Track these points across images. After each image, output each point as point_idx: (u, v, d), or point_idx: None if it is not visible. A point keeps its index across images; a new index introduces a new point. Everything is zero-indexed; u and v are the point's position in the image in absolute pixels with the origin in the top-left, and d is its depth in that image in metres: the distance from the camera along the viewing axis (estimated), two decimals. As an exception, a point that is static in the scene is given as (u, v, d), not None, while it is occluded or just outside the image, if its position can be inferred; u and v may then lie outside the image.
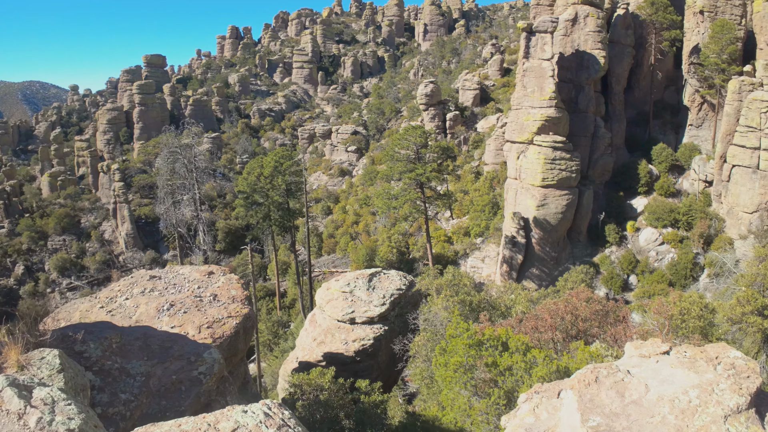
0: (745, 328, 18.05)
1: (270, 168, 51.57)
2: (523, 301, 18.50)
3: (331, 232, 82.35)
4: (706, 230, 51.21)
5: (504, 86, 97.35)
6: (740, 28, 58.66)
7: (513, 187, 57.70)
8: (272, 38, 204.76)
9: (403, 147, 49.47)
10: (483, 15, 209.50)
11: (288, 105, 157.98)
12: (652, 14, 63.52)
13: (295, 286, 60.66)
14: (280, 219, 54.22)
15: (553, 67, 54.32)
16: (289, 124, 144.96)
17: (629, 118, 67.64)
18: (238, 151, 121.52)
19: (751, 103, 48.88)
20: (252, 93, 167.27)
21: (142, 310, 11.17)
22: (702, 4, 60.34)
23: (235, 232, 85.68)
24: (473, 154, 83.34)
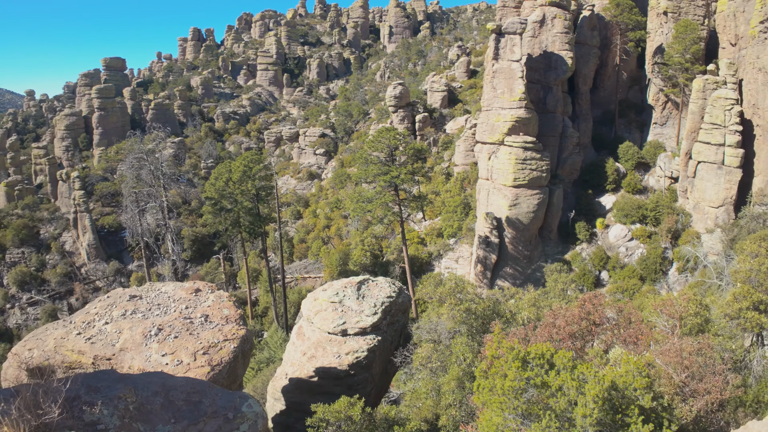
0: (743, 324, 18.36)
1: (239, 173, 50.23)
2: (527, 306, 18.25)
3: (303, 237, 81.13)
4: (673, 225, 52.57)
5: (471, 88, 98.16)
6: (703, 28, 60.62)
7: (485, 188, 57.99)
8: (235, 40, 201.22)
9: (376, 149, 48.95)
10: (447, 17, 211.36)
11: (253, 108, 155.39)
12: (617, 15, 65.05)
13: (267, 294, 59.39)
14: (250, 225, 52.92)
15: (522, 68, 54.84)
16: (254, 127, 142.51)
17: (595, 117, 69.14)
18: (202, 156, 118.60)
19: (715, 101, 50.43)
20: (215, 96, 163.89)
21: (127, 336, 10.21)
22: (666, 5, 62.11)
23: (202, 240, 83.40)
24: (443, 155, 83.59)
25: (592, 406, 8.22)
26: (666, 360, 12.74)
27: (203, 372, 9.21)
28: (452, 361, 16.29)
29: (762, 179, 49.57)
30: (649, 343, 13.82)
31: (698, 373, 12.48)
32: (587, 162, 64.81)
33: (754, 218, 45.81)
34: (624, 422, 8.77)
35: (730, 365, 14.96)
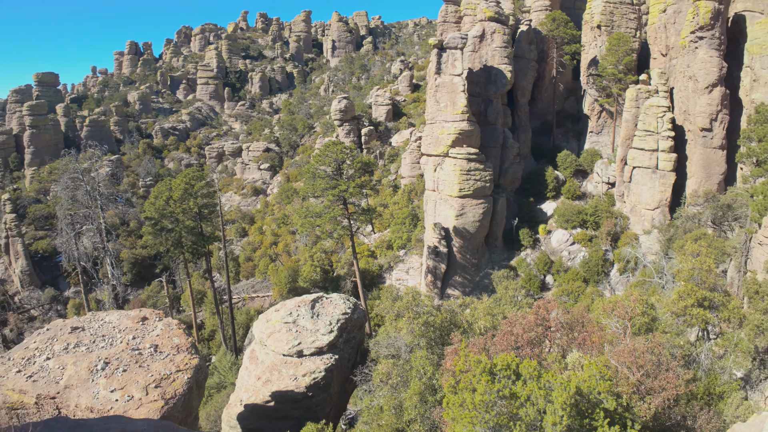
0: (689, 320, 19.34)
1: (180, 190, 48.33)
2: (482, 315, 18.39)
3: (249, 255, 78.93)
4: (612, 228, 55.10)
5: (415, 101, 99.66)
6: (635, 40, 64.57)
7: (432, 199, 58.76)
8: (174, 54, 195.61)
9: (323, 163, 48.54)
10: (389, 32, 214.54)
11: (193, 123, 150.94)
12: (553, 30, 68.13)
13: (213, 316, 57.28)
14: (193, 245, 50.93)
15: (464, 82, 56.25)
16: (195, 142, 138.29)
17: (534, 128, 71.85)
18: (140, 174, 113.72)
19: (648, 108, 53.58)
20: (154, 111, 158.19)
21: (71, 372, 9.36)
22: (599, 19, 65.68)
23: (143, 262, 79.56)
24: (390, 167, 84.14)
25: (561, 413, 8.30)
26: (621, 360, 13.17)
27: (156, 407, 8.55)
28: (413, 376, 16.15)
29: (695, 181, 53.04)
30: (603, 344, 14.25)
31: (652, 371, 12.97)
32: (528, 171, 67.07)
33: (689, 218, 48.85)
34: (591, 426, 8.91)
35: (680, 361, 15.67)
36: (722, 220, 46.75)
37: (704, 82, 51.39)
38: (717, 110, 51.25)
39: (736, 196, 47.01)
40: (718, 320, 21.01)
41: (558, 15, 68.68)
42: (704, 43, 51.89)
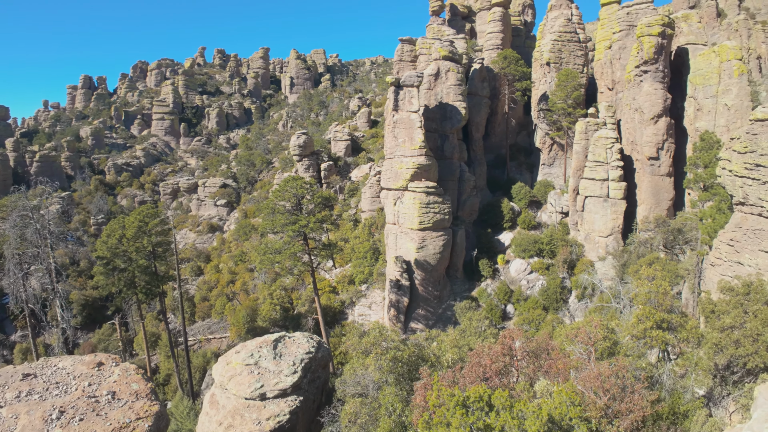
0: (650, 342, 19.92)
1: (134, 228, 46.88)
2: (449, 347, 18.35)
3: (205, 295, 76.46)
4: (568, 256, 56.68)
5: (373, 137, 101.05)
6: (583, 76, 68.19)
7: (393, 232, 59.07)
8: (130, 88, 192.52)
9: (283, 198, 48.17)
10: (347, 69, 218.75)
11: (147, 159, 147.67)
12: (504, 68, 71.16)
13: (168, 360, 54.84)
14: (147, 285, 49.16)
15: (421, 118, 57.68)
16: (149, 179, 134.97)
17: (489, 161, 74.06)
18: (92, 211, 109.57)
19: (597, 140, 56.21)
20: (107, 147, 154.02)
21: (24, 422, 8.72)
22: (548, 57, 69.11)
23: (94, 304, 75.85)
24: (350, 202, 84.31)
25: (535, 441, 8.34)
26: (587, 385, 13.40)
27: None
28: (382, 414, 15.85)
29: (645, 208, 55.57)
30: (568, 370, 14.48)
31: (618, 394, 13.25)
32: (484, 203, 68.65)
33: (641, 243, 50.90)
34: (565, 452, 8.97)
35: (644, 383, 16.08)
36: (673, 243, 48.93)
37: (650, 113, 54.53)
38: (663, 139, 54.31)
39: (685, 220, 49.41)
40: (677, 341, 21.79)
41: (509, 53, 71.91)
42: (649, 76, 55.31)
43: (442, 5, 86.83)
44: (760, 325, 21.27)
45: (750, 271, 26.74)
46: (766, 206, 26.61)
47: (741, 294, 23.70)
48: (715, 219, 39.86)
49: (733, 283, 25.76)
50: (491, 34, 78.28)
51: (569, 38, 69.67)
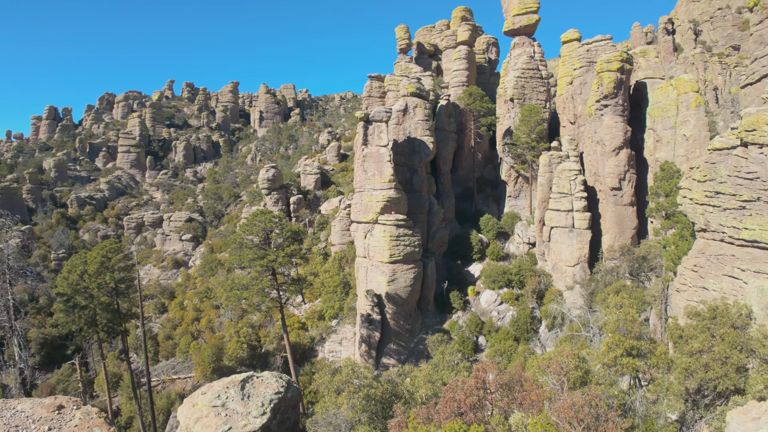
0: (621, 369, 19.96)
1: (96, 264, 45.34)
2: (423, 383, 17.94)
3: (169, 333, 73.76)
4: (536, 286, 57.16)
5: (343, 170, 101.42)
6: (545, 111, 70.41)
7: (363, 266, 58.67)
8: (95, 120, 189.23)
9: (251, 233, 47.35)
10: (316, 104, 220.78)
11: (112, 192, 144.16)
12: (470, 104, 73.05)
13: (130, 402, 52.27)
14: (109, 323, 47.25)
15: (390, 152, 58.29)
16: (113, 212, 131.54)
17: (457, 194, 75.08)
18: (53, 246, 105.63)
19: (561, 172, 57.59)
20: (70, 179, 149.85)
21: None
22: (512, 93, 71.27)
23: (53, 343, 72.40)
24: (319, 235, 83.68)
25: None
26: (562, 416, 13.22)
27: None
28: (354, 456, 15.26)
29: (610, 237, 56.79)
30: (542, 402, 14.31)
31: (593, 423, 13.11)
32: (454, 235, 69.14)
33: (608, 272, 51.74)
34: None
35: (618, 411, 15.99)
36: (639, 271, 49.92)
37: (611, 145, 56.40)
38: (625, 170, 56.07)
39: (649, 248, 50.57)
40: (648, 367, 21.96)
41: (474, 90, 73.95)
42: (609, 110, 57.43)
43: (410, 44, 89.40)
44: (728, 348, 21.63)
45: (715, 295, 27.37)
46: (728, 232, 27.47)
47: (707, 318, 24.18)
48: (678, 246, 40.98)
49: (699, 308, 26.32)
50: (457, 71, 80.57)
51: (532, 75, 72.19)
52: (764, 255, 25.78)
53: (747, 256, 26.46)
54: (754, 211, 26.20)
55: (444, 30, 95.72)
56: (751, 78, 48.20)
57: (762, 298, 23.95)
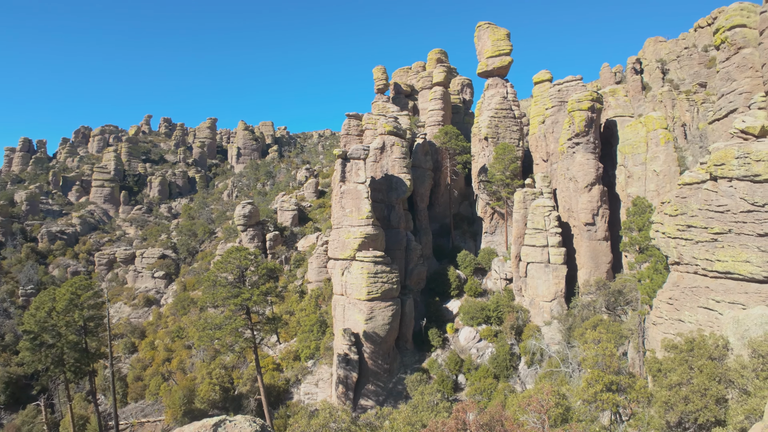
0: (601, 405, 19.65)
1: (65, 301, 44.10)
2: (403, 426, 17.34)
3: (138, 374, 70.95)
4: (515, 322, 56.95)
5: (320, 207, 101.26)
6: (519, 149, 72.06)
7: (340, 303, 57.81)
8: (70, 154, 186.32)
9: (225, 270, 46.39)
10: (295, 141, 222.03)
11: (84, 227, 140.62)
12: (446, 142, 74.44)
13: (95, 447, 49.67)
14: (76, 362, 45.70)
15: (368, 189, 58.54)
16: (84, 248, 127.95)
17: (434, 230, 75.45)
18: (21, 281, 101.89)
19: (535, 209, 58.34)
20: (42, 213, 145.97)
21: None
22: (486, 132, 72.90)
23: (18, 382, 69.26)
24: (296, 272, 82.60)
25: None
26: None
27: None
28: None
29: (585, 271, 57.28)
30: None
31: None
32: (431, 271, 68.98)
33: (584, 306, 51.94)
34: None
35: None
36: (615, 305, 50.25)
37: (583, 181, 57.61)
38: (597, 206, 57.15)
39: (624, 282, 51.11)
40: (628, 402, 21.76)
41: (450, 129, 75.46)
42: (581, 147, 58.92)
43: (387, 84, 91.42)
44: (706, 380, 21.61)
45: (691, 327, 27.56)
46: (701, 264, 27.91)
47: (685, 351, 24.24)
48: (652, 279, 41.50)
49: (676, 341, 26.42)
50: (433, 111, 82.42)
51: (505, 114, 74.15)
52: (738, 286, 26.21)
53: (721, 288, 26.86)
54: (726, 243, 26.77)
55: (420, 71, 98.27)
56: (719, 114, 50.24)
57: (738, 329, 24.21)
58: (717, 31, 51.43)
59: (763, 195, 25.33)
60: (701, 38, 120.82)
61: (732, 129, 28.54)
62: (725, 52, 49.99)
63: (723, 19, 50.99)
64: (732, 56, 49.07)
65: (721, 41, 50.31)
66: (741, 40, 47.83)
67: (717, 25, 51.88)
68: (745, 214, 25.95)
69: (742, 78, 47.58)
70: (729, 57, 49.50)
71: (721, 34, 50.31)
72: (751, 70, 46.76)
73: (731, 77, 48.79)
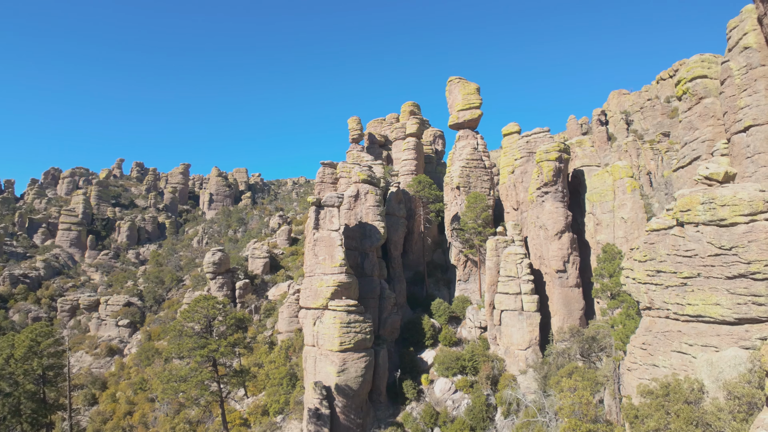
0: None
1: (24, 348, 42.23)
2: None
3: (98, 428, 66.91)
4: (490, 372, 56.00)
5: (293, 254, 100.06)
6: (490, 198, 73.45)
7: (312, 355, 56.03)
8: (38, 195, 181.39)
9: (192, 320, 44.79)
10: (268, 188, 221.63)
11: (48, 271, 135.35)
12: (419, 191, 75.53)
13: None
14: (33, 413, 43.35)
15: (341, 237, 58.16)
16: (47, 293, 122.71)
17: (408, 278, 75.09)
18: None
19: (507, 256, 58.71)
20: (5, 255, 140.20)
21: None
22: (458, 181, 74.28)
23: (-31, 435, 63.93)
24: (266, 322, 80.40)
25: None
26: None
27: None
28: None
29: (559, 318, 57.27)
30: None
31: None
32: (406, 320, 68.06)
33: (559, 354, 51.52)
34: None
35: None
36: (590, 352, 49.99)
37: (553, 229, 58.54)
38: (568, 253, 57.91)
39: (598, 328, 51.12)
40: (607, 449, 21.15)
41: (423, 178, 76.72)
42: (550, 196, 60.23)
43: (362, 134, 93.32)
44: (684, 425, 21.33)
45: (666, 372, 27.44)
46: (672, 308, 28.12)
47: (661, 396, 24.02)
48: (625, 325, 41.69)
49: (651, 386, 26.22)
50: (406, 160, 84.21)
51: (476, 165, 75.98)
52: (710, 329, 26.41)
53: (693, 331, 27.01)
54: (695, 287, 27.13)
55: (394, 123, 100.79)
56: (683, 161, 52.09)
57: (712, 371, 24.24)
58: (679, 82, 53.89)
59: (729, 239, 25.99)
60: (663, 90, 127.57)
61: (696, 176, 29.52)
62: (687, 102, 52.31)
63: (684, 70, 53.51)
64: (694, 106, 51.37)
65: (683, 92, 52.69)
66: (702, 91, 50.21)
67: (678, 76, 54.38)
68: (713, 257, 26.50)
69: (704, 126, 49.65)
70: (691, 107, 51.78)
71: (683, 85, 52.76)
72: (712, 119, 48.88)
73: (694, 126, 50.94)
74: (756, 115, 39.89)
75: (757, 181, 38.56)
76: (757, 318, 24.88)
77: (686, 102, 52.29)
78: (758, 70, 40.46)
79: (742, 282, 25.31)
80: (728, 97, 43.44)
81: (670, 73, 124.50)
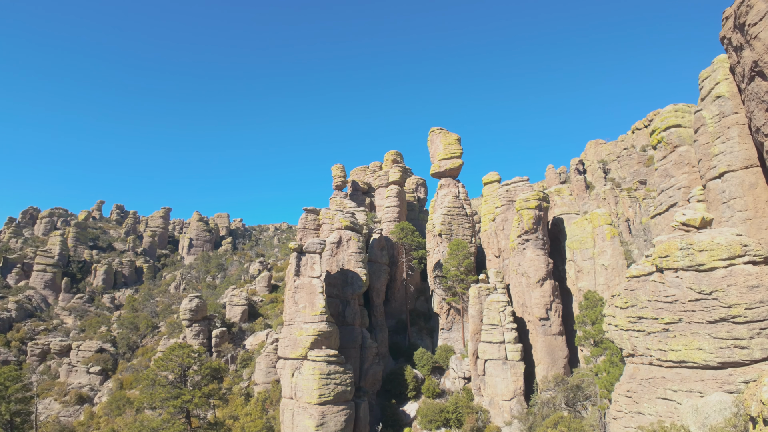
0: None
1: (-10, 392, 39.64)
2: None
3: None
4: (474, 424, 54.32)
5: (272, 302, 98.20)
6: (472, 245, 73.71)
7: (289, 408, 53.92)
8: (15, 234, 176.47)
9: (166, 369, 43.17)
10: (250, 234, 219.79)
11: (20, 312, 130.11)
12: (401, 238, 75.60)
13: None
14: (-1, 461, 40.41)
15: (323, 284, 57.37)
16: (17, 335, 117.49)
17: (390, 327, 73.94)
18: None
19: (490, 304, 58.29)
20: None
21: None
22: (440, 229, 74.71)
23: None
24: (242, 373, 77.70)
25: None
26: None
27: None
28: None
29: (543, 367, 56.38)
30: None
31: None
32: (388, 371, 66.45)
33: (544, 404, 50.41)
34: None
35: None
36: (575, 401, 49.06)
37: (535, 277, 58.61)
38: (550, 300, 57.80)
39: (582, 376, 50.37)
40: None
41: (405, 225, 77.07)
42: (530, 243, 60.65)
43: (345, 181, 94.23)
44: None
45: (651, 419, 26.96)
46: (655, 355, 27.92)
47: (648, 445, 23.42)
48: (609, 372, 41.18)
49: (638, 435, 25.61)
50: (389, 207, 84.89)
51: (458, 212, 76.81)
52: (693, 374, 26.18)
53: (677, 377, 26.76)
54: (677, 333, 27.07)
55: (377, 170, 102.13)
56: (660, 208, 53.00)
57: (698, 417, 23.87)
58: (653, 132, 55.62)
59: (708, 283, 26.23)
60: (639, 139, 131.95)
61: (673, 222, 30.05)
62: (662, 150, 53.82)
63: (659, 120, 55.35)
64: (669, 154, 52.85)
65: (658, 141, 54.32)
66: (677, 139, 51.80)
67: (653, 126, 56.19)
68: (694, 302, 26.63)
69: (679, 174, 50.90)
70: (666, 155, 53.24)
71: (658, 134, 54.47)
72: (687, 166, 50.19)
73: (669, 174, 52.20)
74: (730, 161, 41.13)
75: (734, 225, 39.41)
76: (740, 361, 24.83)
77: (661, 150, 53.90)
78: (731, 117, 41.96)
79: (724, 326, 25.40)
80: (702, 145, 44.86)
81: (645, 123, 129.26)
